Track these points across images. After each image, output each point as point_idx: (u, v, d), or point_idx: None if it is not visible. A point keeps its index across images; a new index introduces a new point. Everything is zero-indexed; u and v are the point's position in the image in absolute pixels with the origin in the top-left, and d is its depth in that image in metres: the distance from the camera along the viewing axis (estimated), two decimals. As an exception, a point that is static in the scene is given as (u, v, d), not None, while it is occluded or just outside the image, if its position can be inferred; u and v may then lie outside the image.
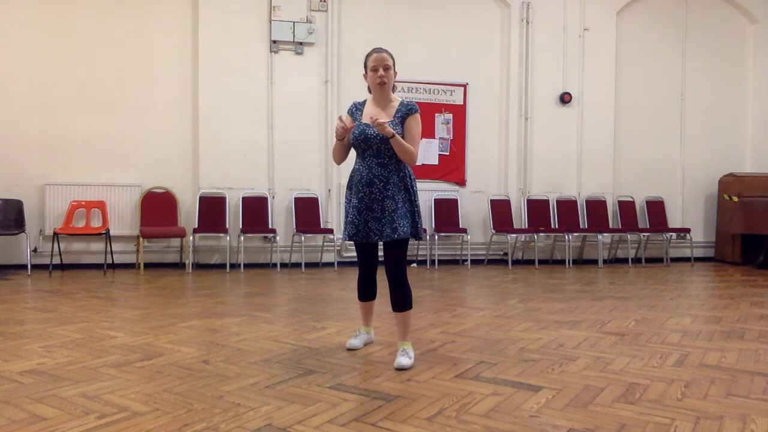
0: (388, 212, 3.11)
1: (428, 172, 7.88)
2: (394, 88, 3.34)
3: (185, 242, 6.98)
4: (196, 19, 7.18)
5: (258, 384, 2.76)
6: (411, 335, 3.44)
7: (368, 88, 3.30)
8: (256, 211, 7.28)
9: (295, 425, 2.27)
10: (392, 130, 3.06)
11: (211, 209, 7.13)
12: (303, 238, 7.30)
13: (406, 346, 3.17)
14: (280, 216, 7.47)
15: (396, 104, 3.24)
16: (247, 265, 7.16)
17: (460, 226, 7.84)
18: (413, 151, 3.14)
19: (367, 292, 3.43)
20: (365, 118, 3.23)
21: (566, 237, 8.02)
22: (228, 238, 7.07)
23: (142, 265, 6.81)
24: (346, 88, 7.55)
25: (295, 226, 7.32)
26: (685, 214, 8.91)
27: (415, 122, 3.20)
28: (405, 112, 3.19)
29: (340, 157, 3.33)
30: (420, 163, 7.59)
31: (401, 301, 3.17)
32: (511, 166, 8.22)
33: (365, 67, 3.25)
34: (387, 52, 3.23)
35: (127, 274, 6.53)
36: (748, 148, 9.10)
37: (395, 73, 3.27)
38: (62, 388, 2.66)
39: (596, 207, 8.39)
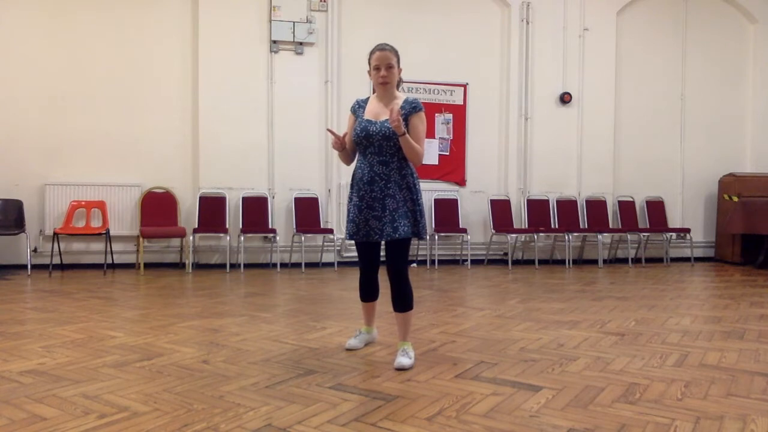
0: (389, 211, 3.07)
1: (428, 172, 7.87)
2: (399, 85, 3.26)
3: (185, 242, 6.98)
4: (196, 18, 7.18)
5: (258, 384, 2.76)
6: (411, 335, 3.44)
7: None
8: (256, 211, 7.28)
9: (295, 425, 2.27)
10: (404, 128, 3.00)
11: (211, 209, 7.13)
12: (303, 238, 7.30)
13: (406, 347, 3.16)
14: (280, 216, 7.46)
15: (400, 102, 3.16)
16: (247, 265, 7.16)
17: (460, 226, 7.84)
18: (421, 151, 3.09)
19: (368, 293, 3.40)
20: (368, 115, 3.19)
21: (566, 237, 8.02)
22: (228, 238, 7.07)
23: (142, 265, 6.81)
24: (346, 88, 7.55)
25: (295, 226, 7.32)
26: (685, 214, 8.91)
27: (420, 120, 3.13)
28: (409, 110, 3.12)
29: (346, 160, 3.30)
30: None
31: (402, 301, 3.15)
32: (511, 166, 8.22)
33: (369, 63, 3.18)
34: (390, 49, 3.15)
35: (127, 274, 6.53)
36: (748, 148, 9.10)
37: (400, 70, 3.20)
38: (62, 388, 2.66)
39: (596, 207, 8.39)
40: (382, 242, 3.17)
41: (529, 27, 8.19)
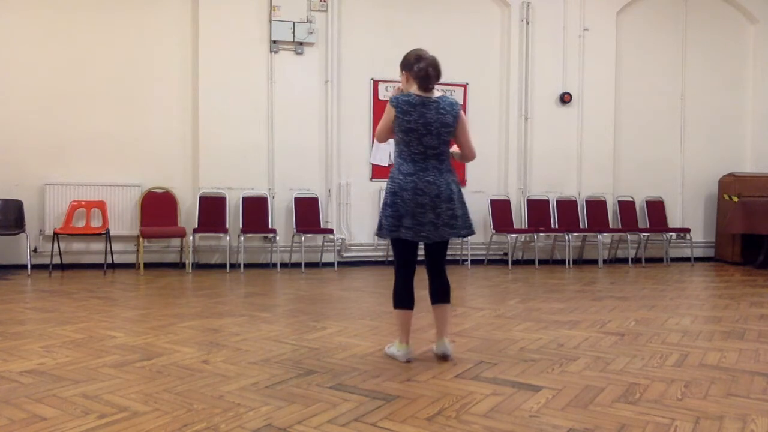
0: None
1: (428, 172, 7.85)
2: (424, 85, 3.34)
3: (185, 242, 6.97)
4: (196, 18, 7.17)
5: (258, 384, 2.77)
6: (411, 336, 3.33)
7: None
8: (256, 211, 7.27)
9: (295, 425, 2.27)
10: None
11: (211, 209, 7.12)
12: (303, 238, 7.30)
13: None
14: (280, 216, 7.46)
15: None
16: (247, 265, 7.15)
17: (460, 226, 7.82)
18: (378, 142, 3.41)
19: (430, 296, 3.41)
20: None
21: (566, 237, 8.02)
22: (228, 238, 7.07)
23: (142, 265, 6.81)
24: (346, 88, 7.55)
25: (295, 226, 7.32)
26: (685, 214, 8.90)
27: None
28: None
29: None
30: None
31: None
32: (511, 166, 8.22)
33: None
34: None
35: (127, 274, 6.53)
36: (748, 148, 9.09)
37: (408, 77, 3.34)
38: (62, 388, 2.66)
39: (596, 207, 8.38)
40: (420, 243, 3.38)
41: (529, 27, 8.19)
